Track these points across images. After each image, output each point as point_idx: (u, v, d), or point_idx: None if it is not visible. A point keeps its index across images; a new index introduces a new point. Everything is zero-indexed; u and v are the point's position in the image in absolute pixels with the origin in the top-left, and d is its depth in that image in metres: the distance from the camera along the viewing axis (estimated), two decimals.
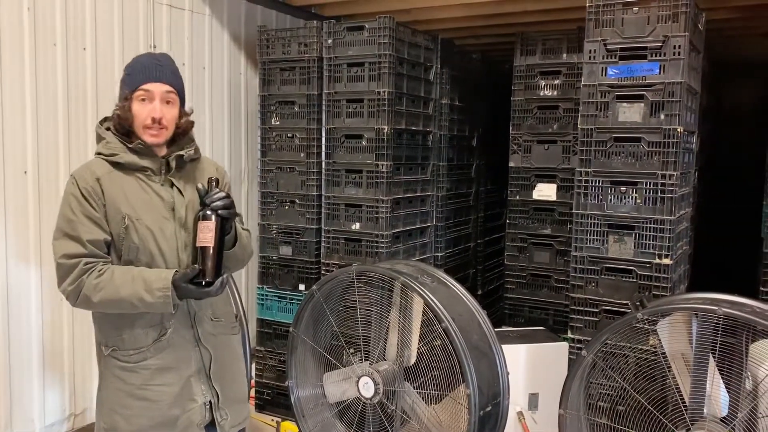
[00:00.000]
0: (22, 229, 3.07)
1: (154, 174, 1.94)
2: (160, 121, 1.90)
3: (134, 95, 1.90)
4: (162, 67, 1.93)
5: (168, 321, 1.93)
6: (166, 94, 1.91)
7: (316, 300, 2.94)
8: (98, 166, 1.92)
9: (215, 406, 2.02)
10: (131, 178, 1.92)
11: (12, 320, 3.05)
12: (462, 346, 2.55)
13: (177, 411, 1.96)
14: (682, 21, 2.76)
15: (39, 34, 3.08)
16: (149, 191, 1.92)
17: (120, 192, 1.89)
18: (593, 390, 2.58)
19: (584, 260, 2.98)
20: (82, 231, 1.85)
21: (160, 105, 1.90)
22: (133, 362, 1.92)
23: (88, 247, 1.84)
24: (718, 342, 2.20)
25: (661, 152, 2.83)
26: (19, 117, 3.03)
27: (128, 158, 1.91)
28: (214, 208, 1.80)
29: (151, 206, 1.91)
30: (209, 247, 1.79)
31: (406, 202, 3.83)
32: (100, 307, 1.89)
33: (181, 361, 1.96)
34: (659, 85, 2.81)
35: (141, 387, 1.93)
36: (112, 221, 1.88)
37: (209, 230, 1.79)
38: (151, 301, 1.81)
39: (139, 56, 2.01)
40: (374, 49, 3.51)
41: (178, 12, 3.81)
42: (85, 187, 1.87)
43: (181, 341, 1.96)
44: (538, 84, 3.90)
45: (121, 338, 1.93)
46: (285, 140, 3.88)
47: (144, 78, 1.90)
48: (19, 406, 3.11)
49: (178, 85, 1.96)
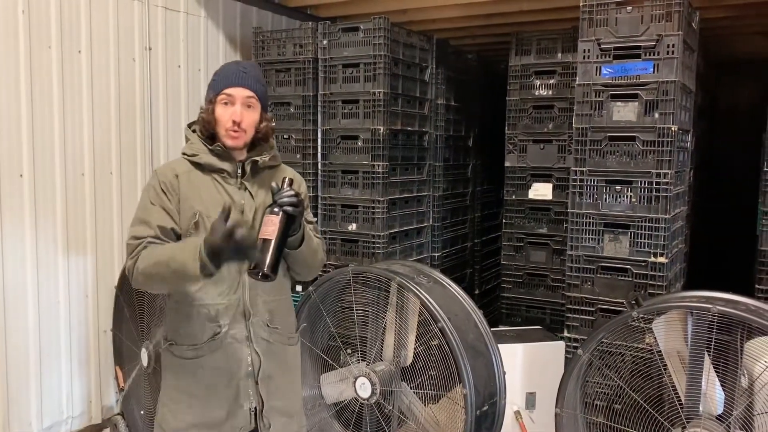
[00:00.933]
0: (9, 232, 3.07)
1: (230, 176, 2.00)
2: (239, 124, 1.95)
3: (217, 99, 1.97)
4: (246, 74, 1.99)
5: (223, 319, 1.95)
6: (247, 99, 1.97)
7: (313, 301, 2.95)
8: (179, 165, 2.01)
9: (259, 414, 2.01)
10: (208, 178, 1.99)
11: (9, 322, 3.05)
12: (458, 345, 2.56)
13: (223, 413, 1.98)
14: (675, 20, 2.78)
15: (34, 36, 3.08)
16: (222, 192, 1.99)
17: (195, 190, 1.97)
18: (590, 389, 2.59)
19: (580, 259, 2.99)
20: (154, 217, 1.93)
21: (241, 109, 1.96)
22: (186, 358, 1.97)
23: (155, 230, 1.92)
24: (713, 340, 2.21)
25: (655, 151, 2.84)
26: (15, 119, 3.03)
27: (208, 159, 1.99)
28: (281, 204, 1.81)
29: (222, 206, 1.94)
30: (270, 240, 1.79)
31: (402, 203, 3.84)
32: (144, 277, 1.89)
33: (232, 362, 1.98)
34: (653, 84, 2.82)
35: (191, 384, 1.97)
36: (184, 216, 1.96)
37: (273, 224, 1.79)
38: (182, 258, 1.78)
39: (227, 63, 2.08)
40: (369, 49, 3.51)
41: (173, 14, 3.81)
42: (163, 181, 1.96)
43: (233, 342, 1.98)
44: (533, 84, 3.91)
45: (178, 333, 1.99)
46: (281, 141, 3.88)
47: (227, 82, 1.97)
48: (17, 407, 3.11)
49: (260, 91, 2.01)
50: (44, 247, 3.18)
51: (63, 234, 3.27)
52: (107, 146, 3.47)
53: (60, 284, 3.28)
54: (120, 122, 3.52)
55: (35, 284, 3.16)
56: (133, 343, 3.26)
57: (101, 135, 3.43)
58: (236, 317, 1.97)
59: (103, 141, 3.45)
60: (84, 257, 3.39)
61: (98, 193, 3.42)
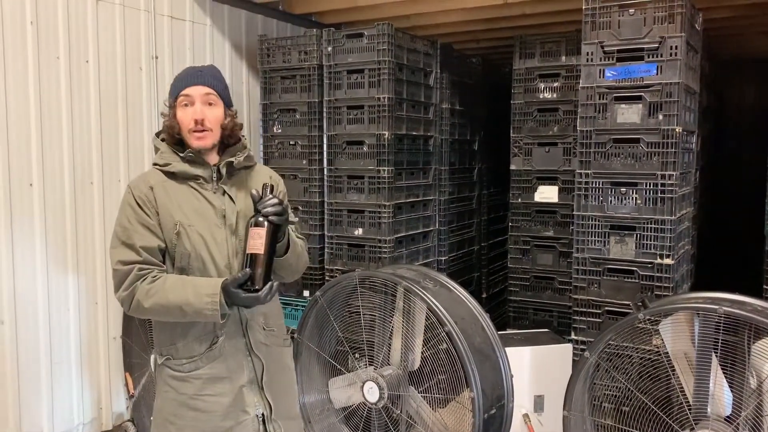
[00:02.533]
0: (19, 240, 3.11)
1: (206, 182, 1.96)
2: (202, 122, 1.92)
3: (177, 102, 1.95)
4: (201, 73, 1.97)
5: (220, 329, 1.93)
6: (206, 96, 1.94)
7: (320, 306, 2.96)
8: (153, 176, 1.95)
9: (268, 419, 1.99)
10: (184, 186, 1.95)
11: (20, 329, 3.09)
12: (465, 349, 2.56)
13: (230, 422, 1.94)
14: (678, 21, 2.78)
15: (42, 47, 3.12)
16: (201, 199, 1.94)
17: (173, 200, 1.92)
18: (597, 391, 2.59)
19: (586, 261, 2.99)
20: (137, 238, 1.87)
21: (201, 107, 1.93)
22: (185, 371, 1.93)
23: (142, 254, 1.87)
24: (719, 341, 2.21)
25: (660, 153, 2.84)
26: (24, 129, 3.06)
27: (180, 167, 1.94)
28: (265, 215, 1.79)
29: (203, 214, 1.93)
30: (259, 254, 1.78)
31: (408, 207, 3.85)
32: (151, 314, 1.89)
33: (233, 370, 1.95)
34: (657, 86, 2.82)
35: (193, 397, 1.92)
36: (165, 228, 1.90)
37: (260, 237, 1.78)
38: (199, 307, 1.80)
39: (184, 69, 2.05)
40: (373, 55, 3.54)
41: (179, 23, 3.85)
42: (139, 196, 1.90)
43: (232, 350, 1.95)
44: (537, 87, 3.92)
45: (174, 347, 1.94)
46: (287, 148, 3.91)
47: (183, 84, 1.95)
48: (28, 414, 3.14)
49: (218, 86, 1.98)
50: (54, 254, 3.22)
51: (72, 242, 3.30)
52: (115, 155, 3.51)
53: (70, 292, 3.31)
54: (128, 131, 3.56)
55: (45, 292, 3.19)
56: (142, 349, 3.29)
57: (109, 144, 3.47)
58: (232, 326, 1.94)
59: (110, 150, 3.48)
60: (93, 265, 3.42)
61: (106, 201, 3.45)
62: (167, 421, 1.95)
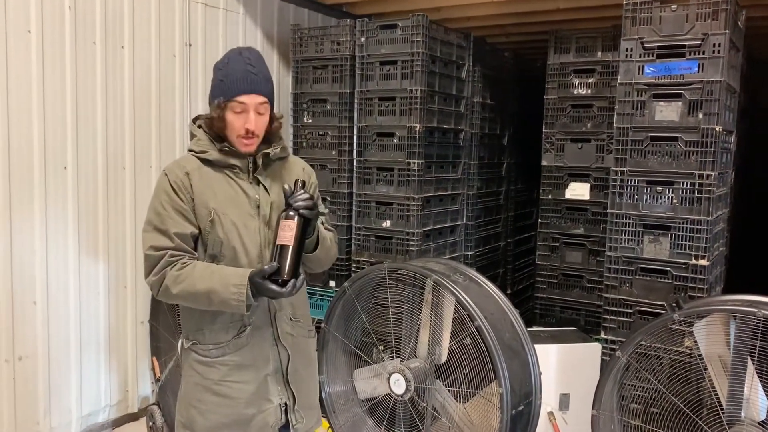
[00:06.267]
0: (53, 222, 3.14)
1: (242, 171, 1.96)
2: (253, 132, 1.91)
3: (229, 105, 1.90)
4: (256, 77, 1.91)
5: (248, 318, 1.93)
6: (260, 106, 1.92)
7: (348, 296, 2.96)
8: (188, 162, 1.94)
9: (290, 409, 2.01)
10: (220, 174, 1.94)
11: (51, 312, 3.13)
12: (494, 344, 2.55)
13: (252, 410, 1.96)
14: (722, 18, 2.72)
15: (79, 32, 3.15)
16: (236, 188, 1.95)
17: (208, 187, 1.92)
18: (626, 391, 2.56)
19: (619, 260, 2.96)
20: (170, 224, 1.87)
21: (254, 117, 1.91)
22: (212, 357, 1.94)
23: (175, 241, 1.87)
24: (757, 345, 2.17)
25: (698, 152, 2.79)
26: (60, 112, 3.10)
27: (217, 156, 1.94)
28: (296, 208, 1.81)
29: (237, 202, 1.93)
30: (288, 246, 1.79)
31: (436, 201, 3.83)
32: (178, 300, 1.90)
33: (258, 359, 1.96)
34: (698, 84, 2.77)
35: (218, 382, 1.93)
36: (199, 215, 1.91)
37: (290, 229, 1.79)
38: (225, 297, 1.80)
39: (233, 59, 1.93)
40: (407, 47, 3.51)
41: (213, 10, 3.86)
42: (175, 181, 1.89)
43: (259, 339, 1.96)
44: (571, 82, 3.86)
45: (202, 333, 1.95)
46: (317, 138, 3.91)
47: (239, 89, 1.88)
48: (57, 395, 3.19)
49: (270, 93, 1.96)
50: (85, 237, 3.25)
51: (104, 225, 3.33)
52: (147, 140, 3.54)
53: (100, 275, 3.35)
54: (160, 117, 3.58)
55: (76, 274, 3.23)
56: (170, 334, 3.32)
57: (141, 129, 3.50)
58: (260, 315, 1.95)
59: (143, 135, 3.51)
60: (123, 248, 3.45)
61: (138, 186, 3.48)
62: (191, 405, 1.96)
